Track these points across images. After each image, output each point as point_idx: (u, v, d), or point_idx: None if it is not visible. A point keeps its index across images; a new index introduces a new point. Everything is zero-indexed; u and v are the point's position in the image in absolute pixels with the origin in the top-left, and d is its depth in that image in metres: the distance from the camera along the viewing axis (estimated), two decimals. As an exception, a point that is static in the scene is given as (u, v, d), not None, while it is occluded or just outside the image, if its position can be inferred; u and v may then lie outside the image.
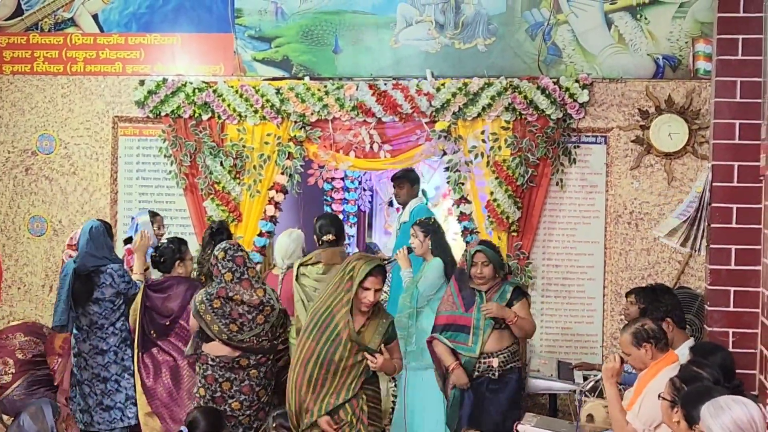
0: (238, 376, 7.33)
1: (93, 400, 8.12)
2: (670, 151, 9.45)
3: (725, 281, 7.30)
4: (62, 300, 8.06)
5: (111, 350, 8.13)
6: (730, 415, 4.64)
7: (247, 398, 7.33)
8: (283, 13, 10.06)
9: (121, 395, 8.14)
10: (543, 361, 9.47)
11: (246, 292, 7.32)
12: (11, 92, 10.35)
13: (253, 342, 7.32)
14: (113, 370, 8.14)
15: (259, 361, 7.36)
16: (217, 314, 7.28)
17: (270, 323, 7.38)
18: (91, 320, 8.09)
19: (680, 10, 9.51)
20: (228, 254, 7.38)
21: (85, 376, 8.15)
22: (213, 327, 7.31)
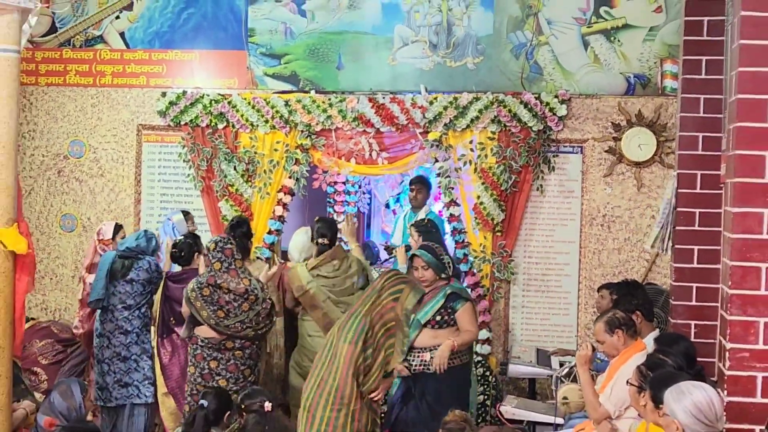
0: (224, 356, 7.38)
1: (111, 378, 8.10)
2: (639, 160, 9.44)
3: (688, 278, 7.29)
4: (100, 279, 8.09)
5: (134, 332, 8.13)
6: (690, 399, 4.64)
7: (233, 376, 7.36)
8: (291, 33, 10.04)
9: (138, 374, 8.13)
10: (523, 348, 9.46)
11: (233, 280, 7.35)
12: (46, 102, 10.33)
13: (237, 328, 7.34)
14: (134, 350, 8.14)
15: (243, 344, 7.39)
16: (206, 301, 7.33)
17: (255, 311, 7.39)
18: (120, 299, 8.11)
19: (650, 34, 9.51)
20: (218, 246, 7.46)
21: (106, 354, 8.14)
22: (202, 313, 7.35)
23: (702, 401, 4.62)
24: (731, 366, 5.12)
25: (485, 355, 9.50)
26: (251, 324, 7.38)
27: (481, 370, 9.27)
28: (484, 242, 9.61)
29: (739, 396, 5.10)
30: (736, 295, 5.13)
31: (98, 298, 8.11)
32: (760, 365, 5.10)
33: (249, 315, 7.36)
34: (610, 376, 6.42)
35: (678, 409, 4.63)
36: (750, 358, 5.11)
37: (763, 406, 5.09)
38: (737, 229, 5.13)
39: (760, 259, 5.10)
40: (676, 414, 4.64)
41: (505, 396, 8.62)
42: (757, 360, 5.11)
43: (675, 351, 5.87)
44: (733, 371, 5.13)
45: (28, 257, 5.88)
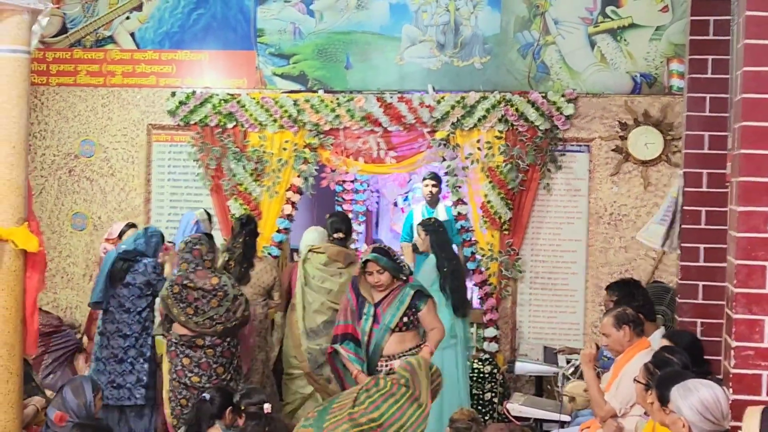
0: (196, 354, 7.42)
1: (106, 378, 8.09)
2: (646, 159, 9.43)
3: (694, 276, 7.29)
4: (101, 280, 8.11)
5: (133, 335, 8.11)
6: (697, 396, 4.63)
7: (205, 373, 7.39)
8: (300, 33, 10.05)
9: (132, 377, 8.10)
10: (530, 346, 9.47)
11: (200, 279, 7.38)
12: (56, 102, 10.35)
13: (206, 324, 7.37)
14: (131, 353, 8.11)
15: (214, 342, 7.41)
16: (176, 299, 7.38)
17: (224, 307, 7.41)
18: (119, 302, 8.10)
19: (656, 33, 9.50)
20: (187, 247, 7.54)
21: (104, 354, 8.13)
22: (173, 310, 7.41)
23: (709, 399, 4.61)
24: (736, 364, 5.11)
25: (492, 353, 9.50)
26: (221, 320, 7.40)
27: (489, 368, 9.27)
28: (491, 240, 9.61)
29: (744, 394, 5.08)
30: (741, 293, 5.12)
31: (97, 300, 8.12)
32: (765, 363, 5.09)
33: (219, 311, 7.39)
34: (615, 373, 6.42)
35: (684, 407, 4.63)
36: (755, 357, 5.10)
37: None
38: (743, 228, 5.12)
39: (766, 257, 5.09)
40: (682, 411, 4.63)
41: (512, 393, 8.63)
42: (762, 358, 5.10)
43: (682, 349, 5.86)
44: (738, 369, 5.12)
45: (38, 256, 5.90)
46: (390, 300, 7.02)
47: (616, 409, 6.26)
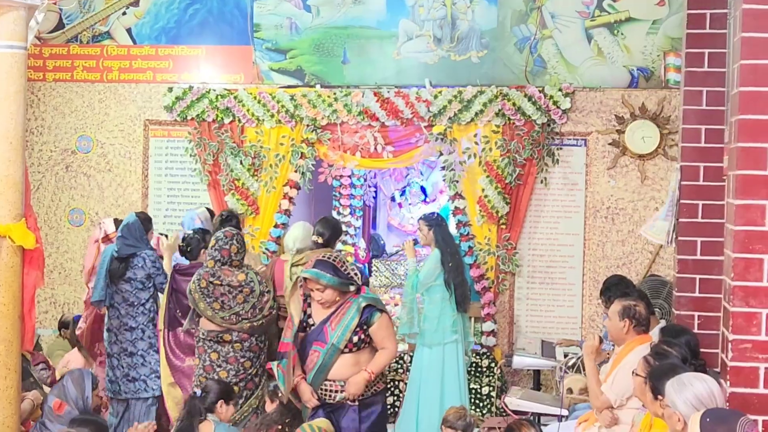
0: (224, 349, 7.37)
1: (120, 372, 8.13)
2: (643, 153, 9.44)
3: (692, 270, 7.28)
4: (101, 278, 8.11)
5: (139, 328, 8.14)
6: (692, 391, 4.64)
7: (233, 368, 7.35)
8: (297, 28, 10.05)
9: (146, 369, 8.14)
10: (528, 340, 9.47)
11: (227, 276, 7.35)
12: (53, 98, 10.35)
13: (233, 320, 7.33)
14: (140, 346, 8.15)
15: (241, 337, 7.38)
16: (203, 293, 7.34)
17: (250, 303, 7.38)
18: (123, 297, 8.11)
19: (653, 27, 9.50)
20: (217, 245, 7.44)
21: (115, 350, 8.16)
22: (199, 305, 7.38)
23: (703, 393, 4.62)
24: (734, 357, 5.12)
25: (490, 347, 9.51)
26: (247, 316, 7.38)
27: (486, 362, 9.28)
28: (488, 235, 9.61)
29: (742, 387, 5.09)
30: (738, 286, 5.12)
31: (99, 299, 8.13)
32: (763, 356, 5.10)
33: (244, 307, 7.36)
34: (614, 365, 6.43)
35: (679, 401, 4.63)
36: (752, 349, 5.11)
37: (765, 397, 5.09)
38: (740, 221, 5.13)
39: (763, 250, 5.09)
40: (677, 405, 4.64)
41: (510, 387, 8.64)
42: (759, 351, 5.10)
43: (680, 342, 5.87)
44: (735, 362, 5.12)
45: (36, 252, 5.90)
46: (341, 315, 6.47)
47: (611, 400, 6.27)
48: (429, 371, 8.35)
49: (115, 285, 8.12)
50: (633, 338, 6.43)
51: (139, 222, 8.25)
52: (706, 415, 4.32)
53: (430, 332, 8.35)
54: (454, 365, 8.33)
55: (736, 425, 4.22)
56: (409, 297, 8.38)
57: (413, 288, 8.34)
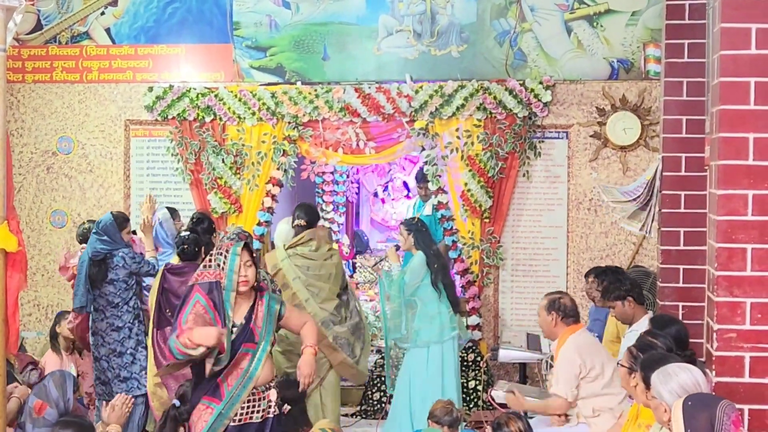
0: None
1: (111, 373, 8.10)
2: (624, 144, 9.47)
3: (675, 260, 7.31)
4: (81, 284, 8.06)
5: (126, 327, 8.10)
6: (677, 381, 4.66)
7: None
8: (276, 25, 10.02)
9: (136, 366, 8.12)
10: (513, 333, 9.48)
11: None
12: (33, 99, 10.30)
13: None
14: (128, 344, 8.12)
15: None
16: None
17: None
18: (107, 300, 8.07)
19: (632, 18, 9.52)
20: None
21: (103, 352, 8.12)
22: None
23: (688, 383, 4.64)
24: (719, 347, 5.14)
25: (476, 341, 9.52)
26: None
27: (472, 356, 9.29)
28: (472, 229, 9.62)
29: (727, 376, 5.11)
30: (722, 276, 5.14)
31: (81, 305, 8.08)
32: (748, 345, 5.12)
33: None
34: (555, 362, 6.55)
35: (665, 392, 4.65)
36: (737, 339, 5.12)
37: (750, 386, 5.10)
38: (722, 211, 5.14)
39: (746, 240, 5.11)
40: (663, 396, 4.65)
41: (496, 381, 8.65)
42: (744, 340, 5.12)
43: (666, 333, 5.90)
44: (720, 352, 5.14)
45: (19, 254, 5.86)
46: (260, 312, 5.99)
47: (564, 396, 6.35)
48: (428, 370, 8.28)
49: (97, 289, 8.07)
50: (563, 330, 6.57)
51: (113, 221, 8.18)
52: (688, 399, 4.35)
53: (427, 332, 8.30)
54: (452, 362, 8.35)
55: (716, 409, 4.25)
56: (397, 301, 8.33)
57: (400, 291, 8.29)
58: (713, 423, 4.22)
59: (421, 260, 8.31)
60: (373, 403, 9.38)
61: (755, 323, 5.12)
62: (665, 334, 5.87)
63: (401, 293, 8.30)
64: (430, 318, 8.28)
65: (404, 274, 8.27)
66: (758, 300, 5.11)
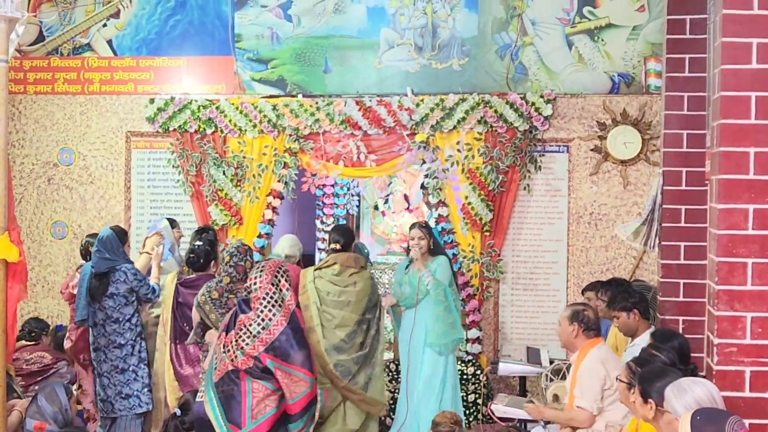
0: None
1: (112, 390, 8.06)
2: (625, 158, 9.47)
3: (675, 274, 7.31)
4: (81, 297, 8.04)
5: (128, 344, 8.07)
6: (692, 395, 4.64)
7: None
8: (278, 38, 10.04)
9: (138, 384, 8.09)
10: (513, 347, 9.48)
11: (241, 289, 7.29)
12: (34, 110, 10.31)
13: None
14: (131, 361, 8.09)
15: None
16: (215, 305, 7.26)
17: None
18: (107, 314, 8.04)
19: (633, 33, 9.53)
20: (232, 260, 7.35)
21: (105, 368, 8.09)
22: (211, 316, 7.30)
23: (703, 397, 4.63)
24: (719, 361, 5.13)
25: (476, 354, 9.51)
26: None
27: (472, 369, 9.28)
28: (472, 242, 9.62)
29: (728, 390, 5.10)
30: (723, 290, 5.13)
31: (83, 318, 8.05)
32: (748, 360, 5.11)
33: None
34: (574, 374, 6.50)
35: (680, 406, 4.64)
36: (738, 353, 5.12)
37: (751, 401, 5.10)
38: (723, 225, 5.14)
39: (746, 254, 5.11)
40: (677, 411, 4.64)
41: (496, 394, 8.63)
42: (744, 355, 5.11)
43: (668, 347, 5.89)
44: (721, 366, 5.13)
45: (19, 265, 5.86)
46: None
47: (589, 409, 6.31)
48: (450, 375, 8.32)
49: (97, 302, 8.05)
50: (584, 342, 6.52)
51: (114, 235, 8.17)
52: (696, 414, 4.33)
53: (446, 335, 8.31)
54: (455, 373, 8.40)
55: (725, 424, 4.24)
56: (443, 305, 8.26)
57: (448, 296, 8.23)
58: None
59: (447, 263, 8.31)
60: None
61: (756, 337, 5.12)
62: (668, 347, 5.86)
63: (449, 294, 8.24)
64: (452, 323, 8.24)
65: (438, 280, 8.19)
66: (759, 314, 5.11)
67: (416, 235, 8.33)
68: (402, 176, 12.06)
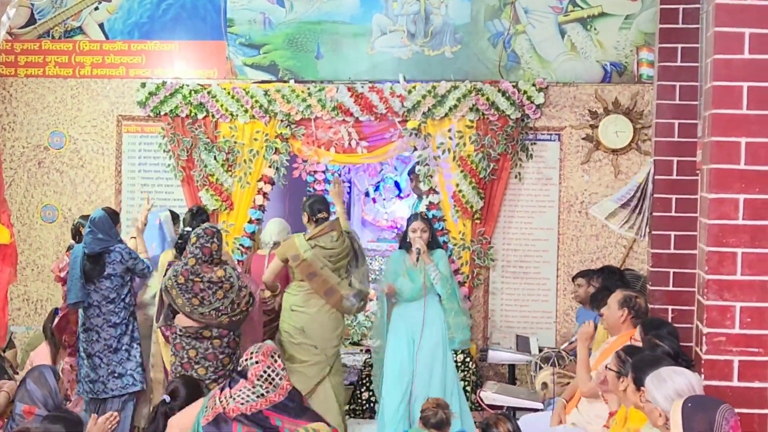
0: (203, 345, 7.35)
1: (105, 370, 8.05)
2: (616, 147, 9.48)
3: (665, 264, 7.32)
4: (76, 279, 8.01)
5: (122, 323, 8.07)
6: (671, 385, 4.66)
7: (212, 365, 7.33)
8: (270, 23, 10.02)
9: (132, 363, 8.09)
10: (503, 334, 9.50)
11: (206, 273, 7.31)
12: (25, 93, 10.28)
13: (212, 316, 7.30)
14: (125, 341, 8.09)
15: (221, 333, 7.35)
16: (182, 289, 7.30)
17: (229, 299, 7.34)
18: (103, 295, 8.03)
19: (626, 22, 9.54)
20: (198, 242, 7.37)
21: (97, 348, 8.07)
22: (177, 300, 7.33)
23: (683, 387, 4.64)
24: (708, 350, 5.15)
25: (465, 342, 9.52)
26: (226, 311, 7.35)
27: (461, 357, 9.28)
28: (463, 230, 9.63)
29: (716, 380, 5.12)
30: (712, 280, 5.15)
31: (78, 300, 8.03)
32: (737, 349, 5.13)
33: (224, 303, 7.33)
34: (605, 354, 6.48)
35: (659, 396, 4.65)
36: (727, 343, 5.13)
37: (739, 390, 5.12)
38: (713, 215, 5.15)
39: (736, 244, 5.12)
40: (657, 401, 4.65)
41: (486, 382, 8.66)
42: (733, 344, 5.13)
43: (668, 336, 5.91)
44: (709, 355, 5.15)
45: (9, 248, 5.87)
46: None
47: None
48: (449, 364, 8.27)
49: (93, 284, 8.04)
50: (629, 330, 6.48)
51: (107, 216, 8.16)
52: (688, 401, 4.35)
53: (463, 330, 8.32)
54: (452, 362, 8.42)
55: (716, 413, 4.26)
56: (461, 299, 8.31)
57: (455, 291, 8.22)
58: (712, 426, 4.23)
59: (446, 257, 8.32)
60: (362, 402, 9.38)
61: (744, 327, 5.13)
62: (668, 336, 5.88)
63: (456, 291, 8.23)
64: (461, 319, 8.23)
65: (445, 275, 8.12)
66: (748, 304, 5.13)
67: (419, 227, 8.17)
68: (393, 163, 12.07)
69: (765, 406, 5.13)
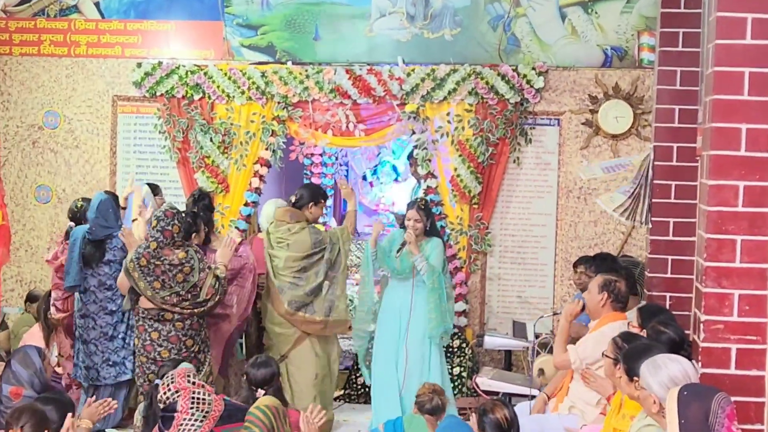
0: (165, 327, 7.33)
1: (99, 357, 8.06)
2: (616, 133, 9.46)
3: (664, 251, 7.34)
4: (74, 262, 8.00)
5: (119, 311, 8.08)
6: (666, 372, 4.66)
7: (174, 347, 7.31)
8: (268, 3, 9.98)
9: (126, 351, 8.10)
10: (499, 320, 9.51)
11: (168, 256, 7.28)
12: (20, 72, 10.25)
13: (173, 300, 7.27)
14: (120, 328, 8.10)
15: (183, 315, 7.33)
16: (143, 272, 7.27)
17: (190, 283, 7.30)
18: (100, 281, 8.03)
19: (627, 6, 9.51)
20: (159, 225, 7.34)
21: (93, 335, 8.08)
22: (139, 284, 7.31)
23: (678, 374, 4.65)
24: (706, 338, 5.16)
25: (461, 327, 9.53)
26: (187, 297, 7.30)
27: (458, 342, 9.30)
28: (460, 214, 9.62)
29: (714, 368, 5.14)
30: (711, 267, 5.16)
31: (74, 284, 8.02)
32: (735, 337, 5.14)
33: (184, 287, 7.27)
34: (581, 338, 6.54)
35: (654, 383, 4.66)
36: (724, 330, 5.15)
37: (737, 378, 5.13)
38: (713, 202, 5.15)
39: (735, 231, 5.12)
40: (652, 388, 4.66)
41: (481, 368, 8.67)
42: (731, 332, 5.14)
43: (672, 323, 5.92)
44: (707, 343, 5.16)
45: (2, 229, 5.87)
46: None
47: (571, 360, 6.38)
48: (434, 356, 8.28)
49: (91, 269, 8.03)
50: (608, 313, 6.50)
51: (111, 200, 8.17)
52: (683, 389, 4.36)
53: None
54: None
55: (711, 401, 4.26)
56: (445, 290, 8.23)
57: (441, 284, 8.15)
58: (708, 414, 4.24)
59: (441, 246, 8.23)
60: (357, 387, 9.40)
61: (743, 315, 5.14)
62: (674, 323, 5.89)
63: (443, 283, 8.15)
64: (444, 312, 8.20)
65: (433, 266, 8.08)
66: (746, 292, 5.14)
67: (413, 217, 8.15)
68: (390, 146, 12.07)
69: (762, 395, 5.15)
